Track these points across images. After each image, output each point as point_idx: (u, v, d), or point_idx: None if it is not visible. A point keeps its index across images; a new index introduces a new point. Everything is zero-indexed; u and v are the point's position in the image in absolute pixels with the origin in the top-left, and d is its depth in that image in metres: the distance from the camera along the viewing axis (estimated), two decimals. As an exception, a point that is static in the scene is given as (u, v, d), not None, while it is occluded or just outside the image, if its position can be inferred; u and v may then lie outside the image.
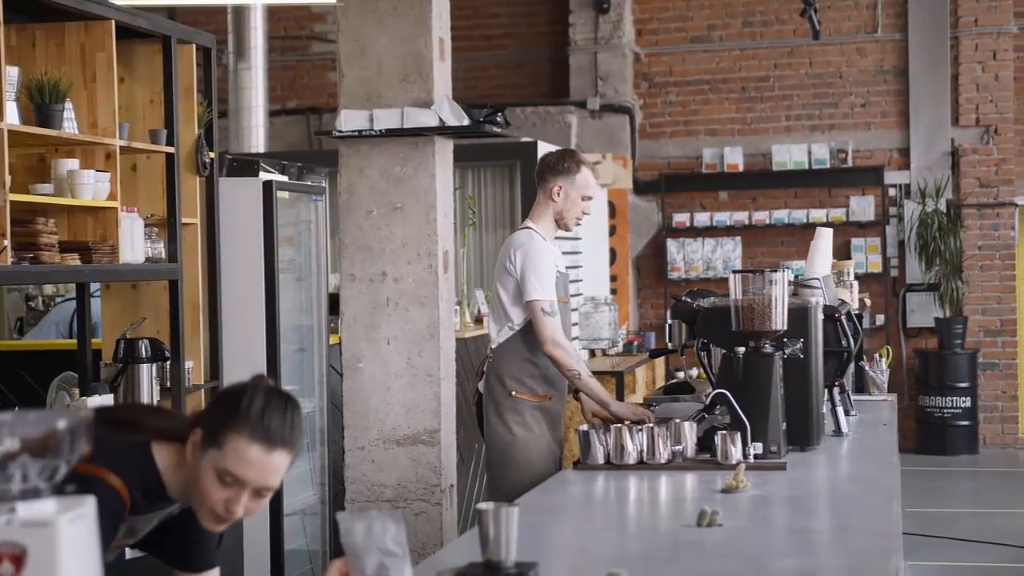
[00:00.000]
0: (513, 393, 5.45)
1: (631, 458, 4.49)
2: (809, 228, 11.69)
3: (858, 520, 3.70)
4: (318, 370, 7.13)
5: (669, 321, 5.40)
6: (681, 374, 9.49)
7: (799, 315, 4.79)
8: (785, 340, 4.75)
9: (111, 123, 5.44)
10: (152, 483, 2.83)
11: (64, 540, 1.82)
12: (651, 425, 4.57)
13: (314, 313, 7.17)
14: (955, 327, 12.84)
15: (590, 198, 5.55)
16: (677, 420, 4.59)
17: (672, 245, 13.49)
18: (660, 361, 11.04)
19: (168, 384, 5.85)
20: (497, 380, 5.49)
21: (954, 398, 12.76)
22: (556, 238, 5.64)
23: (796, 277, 5.63)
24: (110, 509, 2.73)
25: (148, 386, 5.66)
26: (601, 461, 4.52)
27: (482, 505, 2.88)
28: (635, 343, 11.05)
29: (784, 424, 4.61)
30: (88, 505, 1.87)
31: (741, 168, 13.44)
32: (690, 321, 5.13)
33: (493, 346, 5.54)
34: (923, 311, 13.14)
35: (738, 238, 13.43)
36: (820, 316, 4.96)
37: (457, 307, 8.34)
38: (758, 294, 4.63)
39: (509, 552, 2.88)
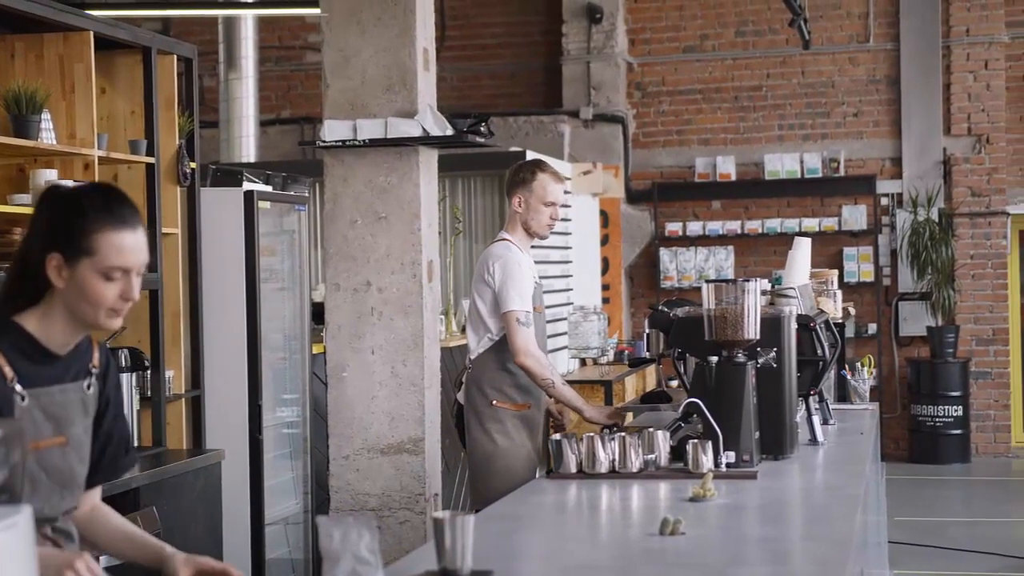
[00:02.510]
0: (494, 403, 5.48)
1: (603, 467, 4.49)
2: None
3: (819, 528, 3.71)
4: (302, 379, 7.14)
5: (647, 330, 5.41)
6: (675, 383, 9.48)
7: (772, 324, 4.80)
8: (758, 349, 4.76)
9: (90, 133, 5.46)
10: (28, 346, 2.90)
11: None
12: (623, 435, 4.58)
13: (298, 322, 7.18)
14: (947, 336, 12.83)
15: (553, 204, 5.55)
16: (650, 429, 4.60)
17: (665, 254, 13.49)
18: (651, 370, 11.05)
19: (148, 394, 5.86)
20: (477, 390, 5.52)
21: (946, 407, 12.74)
22: (534, 247, 5.67)
23: (773, 286, 5.64)
24: None
25: (128, 395, 5.66)
26: (573, 470, 4.53)
27: (437, 514, 2.90)
28: (626, 352, 11.06)
29: (757, 433, 4.62)
30: (23, 514, 1.88)
31: (734, 177, 13.45)
32: (667, 330, 5.13)
33: (472, 356, 5.57)
34: (915, 320, 13.14)
35: (731, 247, 13.43)
36: (793, 325, 4.96)
37: (443, 316, 8.36)
38: (731, 304, 4.64)
39: (465, 561, 2.91)
